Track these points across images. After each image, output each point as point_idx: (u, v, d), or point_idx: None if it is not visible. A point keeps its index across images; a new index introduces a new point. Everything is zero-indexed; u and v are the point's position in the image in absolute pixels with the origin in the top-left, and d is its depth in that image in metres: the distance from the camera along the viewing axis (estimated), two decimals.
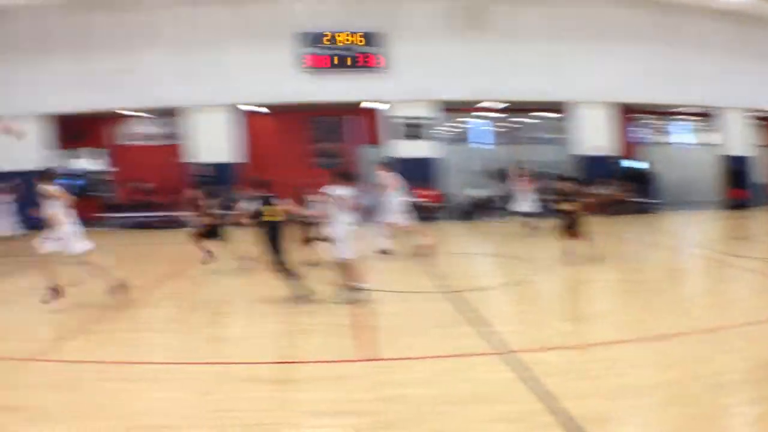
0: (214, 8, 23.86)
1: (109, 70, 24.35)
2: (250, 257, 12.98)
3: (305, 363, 7.43)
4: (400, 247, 15.83)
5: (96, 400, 6.33)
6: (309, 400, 6.20)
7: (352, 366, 7.20)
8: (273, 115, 27.34)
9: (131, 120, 28.22)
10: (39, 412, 6.10)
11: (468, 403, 5.94)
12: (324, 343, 8.27)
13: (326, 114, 26.94)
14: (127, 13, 24.19)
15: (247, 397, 6.32)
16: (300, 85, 23.61)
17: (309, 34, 23.21)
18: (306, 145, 27.07)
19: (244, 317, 10.19)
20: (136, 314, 10.59)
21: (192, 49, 24.06)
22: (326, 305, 10.16)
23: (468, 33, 23.28)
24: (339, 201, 10.03)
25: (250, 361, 7.53)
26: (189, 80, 24.11)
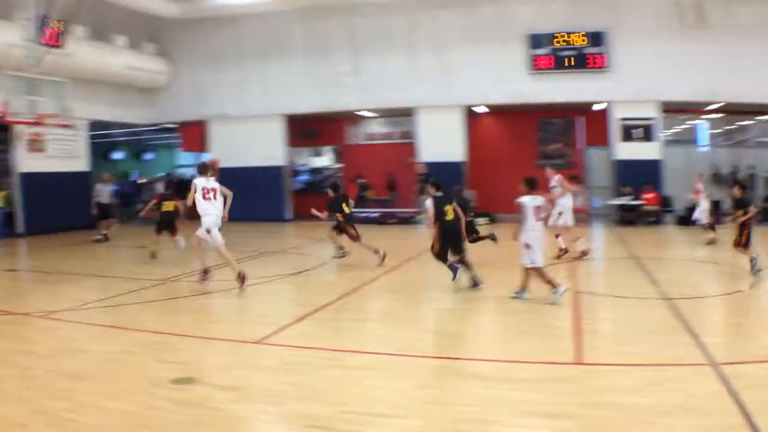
0: (443, 11, 23.81)
1: (341, 72, 25.23)
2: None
3: (520, 362, 7.21)
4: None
5: (316, 385, 6.62)
6: (520, 399, 6.05)
7: (565, 369, 6.93)
8: (497, 115, 26.97)
9: (361, 120, 29.08)
10: (259, 393, 6.48)
11: (674, 415, 5.58)
12: (540, 344, 8.01)
13: (550, 114, 26.06)
14: (357, 17, 24.79)
15: (461, 393, 6.30)
16: (525, 86, 22.97)
17: (534, 35, 22.58)
18: (530, 146, 26.33)
19: (462, 313, 10.13)
20: (359, 305, 10.95)
21: (421, 51, 24.18)
22: (544, 307, 9.87)
23: (690, 32, 21.44)
24: (529, 209, 10.16)
25: (465, 357, 7.44)
26: (418, 81, 24.29)
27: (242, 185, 25.48)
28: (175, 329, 9.10)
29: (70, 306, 10.83)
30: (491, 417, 5.62)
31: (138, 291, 12.25)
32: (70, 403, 6.15)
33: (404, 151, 26.37)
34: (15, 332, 9.34)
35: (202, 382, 6.72)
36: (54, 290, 12.74)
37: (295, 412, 5.90)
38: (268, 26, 25.87)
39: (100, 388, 6.63)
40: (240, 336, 8.61)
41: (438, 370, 6.99)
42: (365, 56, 24.69)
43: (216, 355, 7.91)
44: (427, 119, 24.49)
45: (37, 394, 6.44)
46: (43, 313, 10.38)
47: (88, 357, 7.90)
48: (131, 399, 6.26)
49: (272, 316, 10.22)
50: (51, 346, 8.45)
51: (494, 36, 22.94)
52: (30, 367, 7.37)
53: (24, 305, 11.24)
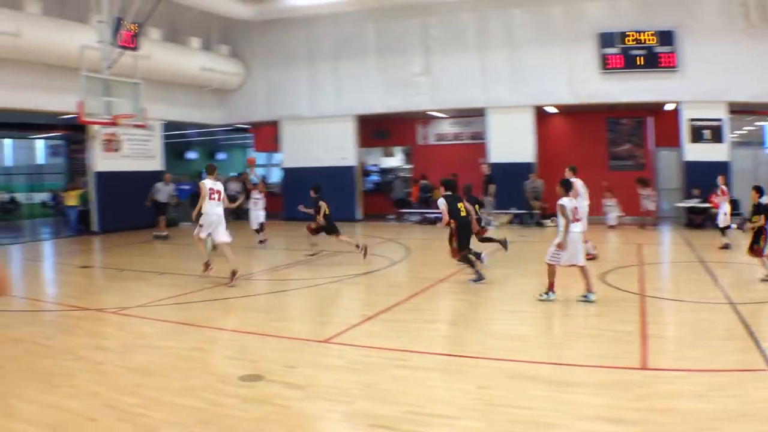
0: (514, 9, 23.48)
1: (413, 72, 25.17)
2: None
3: (582, 366, 7.09)
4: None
5: (381, 385, 6.62)
6: (582, 403, 5.96)
7: (629, 373, 6.78)
8: (566, 115, 26.46)
9: (432, 120, 28.89)
10: (325, 392, 6.49)
11: (735, 421, 5.45)
12: (605, 347, 7.84)
13: (619, 115, 25.46)
14: (429, 16, 24.63)
15: (522, 395, 6.20)
16: (597, 86, 22.52)
17: (605, 33, 22.12)
18: (600, 147, 25.76)
19: (528, 316, 9.97)
20: (427, 306, 10.85)
21: (492, 51, 23.87)
22: (610, 311, 9.68)
23: (757, 31, 20.71)
24: (565, 210, 10.20)
25: (529, 360, 7.30)
26: (489, 81, 24.04)
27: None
28: (244, 327, 9.21)
29: (142, 303, 11.01)
30: (552, 420, 5.55)
31: (208, 289, 12.40)
32: (139, 399, 6.23)
33: (474, 151, 26.20)
34: (88, 328, 9.51)
35: (270, 379, 6.73)
36: (126, 287, 12.95)
37: (361, 411, 5.88)
38: (340, 27, 25.99)
39: (170, 384, 6.71)
40: (308, 335, 8.64)
41: (502, 373, 6.89)
42: (437, 56, 24.59)
43: (284, 353, 7.90)
44: (497, 120, 24.24)
45: (108, 389, 6.53)
46: (116, 309, 10.56)
47: (158, 353, 7.99)
48: (200, 395, 6.31)
49: (341, 315, 10.25)
50: (123, 342, 8.58)
51: (564, 34, 22.59)
52: (102, 363, 7.49)
53: (97, 302, 11.46)
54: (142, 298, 11.47)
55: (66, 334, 9.09)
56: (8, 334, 8.95)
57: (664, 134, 24.47)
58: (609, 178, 23.38)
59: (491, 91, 23.89)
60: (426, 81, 24.85)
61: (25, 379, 6.91)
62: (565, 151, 25.33)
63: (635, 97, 22.12)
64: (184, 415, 5.82)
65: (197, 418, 5.72)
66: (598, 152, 25.37)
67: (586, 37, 22.29)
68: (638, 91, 21.94)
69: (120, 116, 16.46)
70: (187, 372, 7.12)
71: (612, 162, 25.22)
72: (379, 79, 25.63)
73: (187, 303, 11.12)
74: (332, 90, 26.59)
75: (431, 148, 29.16)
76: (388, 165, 33.55)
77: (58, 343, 8.55)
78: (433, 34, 24.57)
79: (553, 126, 26.24)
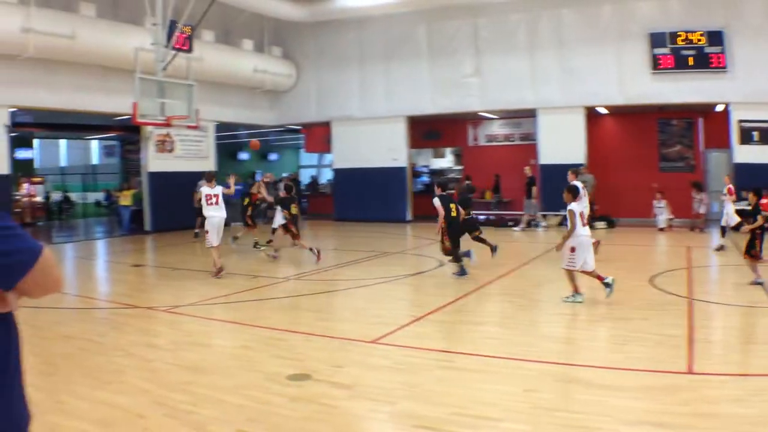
0: (563, 10, 23.22)
1: (463, 73, 25.07)
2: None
3: (630, 370, 6.94)
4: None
5: (427, 386, 6.57)
6: (628, 407, 5.83)
7: (675, 377, 6.63)
8: (616, 116, 26.05)
9: (483, 121, 28.72)
10: (372, 392, 6.45)
11: None
12: (651, 351, 7.66)
13: (669, 116, 25.01)
14: (480, 17, 24.50)
15: (569, 399, 6.15)
16: (647, 86, 22.16)
17: (654, 33, 21.76)
18: (651, 148, 25.33)
19: (575, 319, 9.84)
20: (475, 307, 10.83)
21: (542, 51, 23.66)
22: (658, 315, 9.48)
23: None
24: (577, 215, 10.30)
25: (576, 363, 7.23)
26: (539, 82, 23.83)
27: (364, 186, 25.89)
28: (292, 326, 9.23)
29: (192, 301, 11.11)
30: (598, 424, 5.44)
31: (258, 288, 12.50)
32: (188, 396, 6.27)
33: (525, 153, 26.03)
34: (139, 325, 9.63)
35: (317, 379, 6.72)
36: (177, 285, 13.11)
37: (406, 412, 5.85)
38: (391, 28, 26.06)
39: (219, 381, 6.74)
40: (356, 335, 8.61)
41: (548, 375, 6.80)
42: (487, 57, 24.49)
43: (332, 353, 7.90)
44: (547, 120, 24.02)
45: (157, 386, 6.59)
46: (167, 307, 10.68)
47: (208, 351, 8.07)
48: (248, 393, 6.33)
49: (389, 316, 10.21)
50: (173, 339, 8.67)
51: (614, 34, 22.29)
52: (152, 360, 7.56)
53: (149, 300, 11.61)
54: (193, 296, 11.60)
55: (117, 332, 9.19)
56: (61, 331, 9.09)
57: (713, 135, 24.04)
58: (659, 179, 23.07)
59: (541, 91, 23.71)
60: (476, 82, 24.76)
61: (76, 375, 7.01)
62: (615, 153, 25.07)
63: (686, 98, 21.75)
64: (232, 412, 5.84)
65: (245, 416, 5.74)
66: (649, 154, 25.02)
67: (636, 37, 21.99)
68: (688, 92, 21.57)
69: (173, 117, 16.66)
70: (236, 370, 7.16)
71: (662, 164, 24.84)
72: (429, 80, 25.61)
73: (237, 302, 11.21)
74: (383, 91, 26.66)
75: (481, 149, 29.05)
76: (439, 166, 33.48)
77: (110, 340, 8.67)
78: (483, 35, 24.48)
79: (603, 127, 25.91)
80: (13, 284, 2.07)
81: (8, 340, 2.19)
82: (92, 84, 20.80)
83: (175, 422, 5.63)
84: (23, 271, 2.05)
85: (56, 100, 20.14)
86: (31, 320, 9.36)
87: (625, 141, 25.57)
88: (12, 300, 2.12)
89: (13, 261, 2.04)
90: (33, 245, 2.09)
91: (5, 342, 2.17)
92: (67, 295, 11.73)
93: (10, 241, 2.04)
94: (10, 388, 2.20)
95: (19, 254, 2.05)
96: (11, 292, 2.10)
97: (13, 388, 2.21)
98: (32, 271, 2.07)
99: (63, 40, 18.27)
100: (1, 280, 2.05)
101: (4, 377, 2.15)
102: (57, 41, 18.18)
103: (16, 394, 2.24)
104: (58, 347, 8.20)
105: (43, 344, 8.23)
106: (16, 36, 17.34)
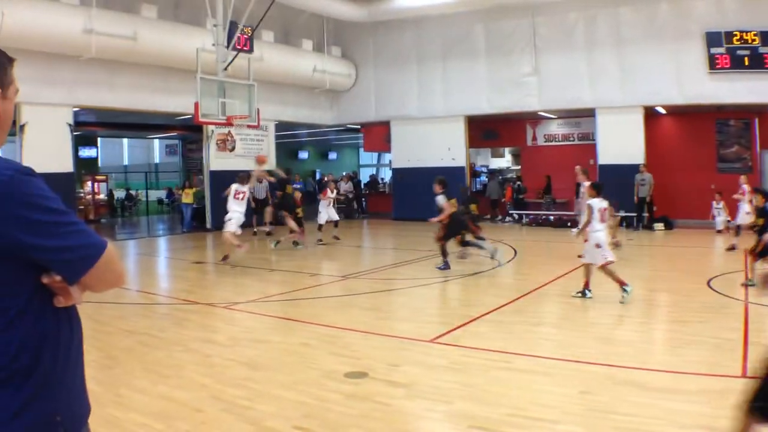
0: (621, 8, 22.83)
1: (522, 73, 24.83)
2: None
3: (685, 373, 6.79)
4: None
5: (483, 386, 6.53)
6: (682, 411, 5.73)
7: (730, 381, 6.45)
8: (673, 116, 25.47)
9: (541, 120, 28.37)
10: (427, 391, 6.42)
11: None
12: (707, 355, 7.50)
13: (727, 116, 24.38)
14: (538, 16, 24.24)
15: (624, 401, 6.01)
16: (705, 86, 21.67)
17: (710, 33, 21.26)
18: (709, 148, 24.73)
19: (632, 321, 9.67)
20: (532, 308, 10.69)
21: (600, 50, 23.27)
22: (714, 317, 9.31)
23: None
24: (596, 210, 10.59)
25: (631, 366, 7.08)
26: (597, 81, 23.45)
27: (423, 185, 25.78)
28: (350, 324, 9.22)
29: (251, 298, 11.22)
30: (652, 428, 5.35)
31: (317, 286, 12.55)
32: (246, 391, 6.32)
33: (583, 152, 25.66)
34: (199, 321, 9.74)
35: (374, 377, 6.72)
36: (237, 282, 13.23)
37: (461, 412, 5.80)
38: (449, 27, 25.97)
39: (276, 378, 6.78)
40: (413, 334, 8.58)
41: (603, 378, 6.70)
42: (545, 56, 24.27)
43: (389, 352, 7.88)
44: (606, 120, 23.68)
45: (215, 381, 6.65)
46: (226, 304, 10.80)
47: (266, 347, 8.11)
48: (304, 390, 6.36)
49: (446, 315, 10.19)
50: (232, 335, 8.75)
51: (672, 33, 21.85)
52: (210, 355, 7.64)
53: (209, 296, 11.72)
54: (252, 293, 11.75)
55: (177, 327, 9.34)
56: (123, 326, 9.24)
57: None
58: (717, 180, 22.59)
59: (600, 90, 23.38)
60: (534, 81, 24.53)
61: (136, 369, 7.12)
62: (673, 153, 24.59)
63: (741, 98, 21.22)
64: (289, 408, 5.86)
65: (301, 412, 5.76)
66: (706, 154, 24.45)
67: (693, 36, 21.55)
68: (744, 92, 21.06)
69: (234, 117, 16.85)
70: (293, 367, 7.19)
71: (720, 164, 24.29)
72: (487, 79, 25.46)
73: (295, 299, 11.28)
74: (441, 90, 26.58)
75: (539, 148, 28.72)
76: (497, 166, 33.31)
77: (170, 335, 8.80)
78: (541, 34, 24.25)
79: (661, 126, 25.41)
80: (78, 278, 2.10)
81: (70, 332, 2.23)
82: (153, 84, 21.17)
83: (231, 417, 5.68)
84: (87, 265, 2.09)
85: (118, 99, 20.55)
86: (95, 315, 9.57)
87: (683, 141, 25.07)
88: (76, 293, 2.15)
89: (77, 256, 2.07)
90: (97, 241, 2.12)
91: (67, 334, 2.21)
92: (129, 291, 11.93)
93: (75, 236, 2.07)
94: (72, 378, 2.24)
95: (84, 249, 2.08)
96: (75, 286, 2.13)
97: (74, 379, 2.25)
98: (96, 265, 2.10)
99: (124, 41, 18.62)
100: (67, 274, 2.09)
101: (65, 368, 2.19)
102: (118, 42, 18.54)
103: (76, 385, 2.27)
104: (119, 341, 8.34)
105: (105, 338, 8.39)
106: (79, 37, 17.72)
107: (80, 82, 19.37)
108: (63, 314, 2.19)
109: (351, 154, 48.71)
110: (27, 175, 2.04)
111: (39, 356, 2.11)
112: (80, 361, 2.31)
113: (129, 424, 5.52)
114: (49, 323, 2.13)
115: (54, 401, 2.15)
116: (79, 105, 19.99)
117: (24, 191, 1.99)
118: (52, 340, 2.15)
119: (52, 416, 2.14)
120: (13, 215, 1.98)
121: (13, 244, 2.00)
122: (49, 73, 18.48)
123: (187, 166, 34.66)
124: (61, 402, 2.17)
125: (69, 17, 17.47)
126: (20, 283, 2.07)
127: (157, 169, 42.57)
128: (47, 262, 2.06)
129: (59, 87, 18.92)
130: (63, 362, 2.18)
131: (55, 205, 2.05)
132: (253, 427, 5.49)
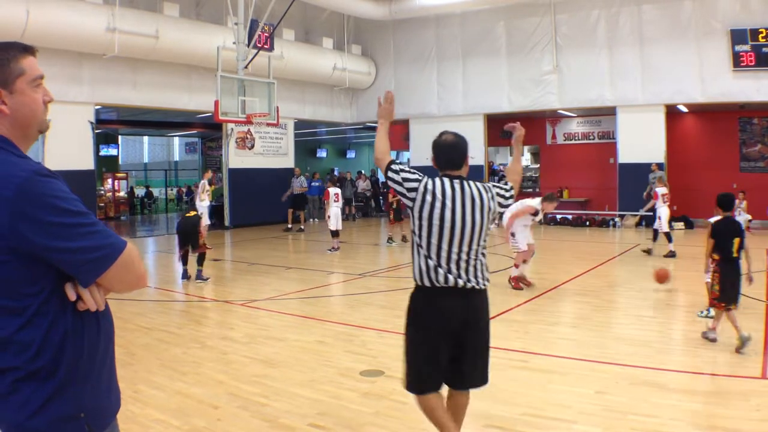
0: (644, 6, 22.66)
1: (542, 71, 24.74)
2: None
3: (703, 374, 6.80)
4: None
5: (499, 385, 6.44)
6: (700, 412, 5.73)
7: (749, 383, 6.46)
8: (695, 114, 25.19)
9: (561, 119, 28.22)
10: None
11: None
12: (726, 356, 7.46)
13: (751, 114, 24.10)
14: (559, 13, 24.13)
15: (641, 402, 5.99)
16: (729, 84, 21.50)
17: (735, 30, 21.06)
18: (732, 147, 24.50)
19: (651, 321, 9.59)
20: (550, 307, 10.65)
21: (622, 48, 23.13)
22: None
23: None
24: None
25: (649, 366, 7.07)
26: (618, 79, 23.29)
27: None
28: (367, 323, 9.25)
29: (269, 296, 11.28)
30: (670, 429, 5.33)
31: (335, 284, 12.60)
32: (262, 388, 6.37)
33: (603, 151, 25.67)
34: (216, 318, 9.82)
35: (390, 375, 6.72)
36: (255, 280, 13.28)
37: (478, 411, 5.77)
38: (469, 25, 25.94)
39: (292, 375, 6.82)
40: None
41: (622, 378, 6.68)
42: (566, 54, 24.14)
43: None
44: (627, 119, 23.52)
45: (232, 378, 6.70)
46: (244, 301, 10.86)
47: (282, 345, 8.14)
48: (320, 387, 6.40)
49: None
50: (249, 333, 8.78)
51: (695, 31, 21.69)
52: (227, 352, 7.69)
53: (226, 293, 11.78)
54: (270, 291, 11.80)
55: (195, 324, 9.42)
56: (141, 323, 9.32)
57: None
58: (739, 180, 22.42)
59: (621, 89, 23.24)
60: (555, 79, 24.42)
61: (154, 366, 7.19)
62: (695, 152, 24.40)
63: (766, 96, 21.14)
64: (305, 406, 5.90)
65: (317, 410, 5.79)
66: (729, 153, 24.21)
67: (717, 34, 21.39)
68: (765, 90, 20.98)
69: (254, 115, 16.91)
70: (310, 365, 7.22)
71: (742, 163, 24.10)
72: (508, 77, 25.39)
73: (312, 297, 11.33)
74: (461, 89, 26.54)
75: (559, 147, 28.56)
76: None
77: (188, 332, 8.87)
78: (563, 31, 24.15)
79: (683, 125, 25.23)
80: (92, 280, 2.12)
81: (96, 331, 2.26)
82: (175, 82, 21.32)
83: (248, 414, 5.72)
84: (103, 267, 2.10)
85: (140, 97, 20.71)
86: (115, 312, 9.56)
87: (705, 140, 24.87)
88: (97, 296, 2.18)
89: (91, 257, 2.09)
90: (114, 241, 2.14)
91: (93, 332, 2.24)
92: (148, 288, 12.01)
93: (89, 238, 2.09)
94: (98, 376, 2.28)
95: (99, 250, 2.10)
96: (95, 288, 2.16)
97: (100, 376, 2.29)
98: (113, 266, 2.12)
99: (147, 40, 18.76)
100: (81, 276, 2.11)
101: (90, 366, 2.22)
102: (141, 40, 18.69)
103: (103, 383, 2.31)
104: (138, 338, 8.42)
105: (124, 335, 8.44)
106: (102, 35, 17.85)
107: (103, 80, 19.53)
108: (88, 313, 2.21)
109: (369, 153, 48.66)
110: (44, 177, 2.05)
111: (61, 355, 2.13)
112: (108, 359, 2.35)
113: (146, 420, 5.57)
114: (71, 322, 2.16)
115: (78, 399, 2.18)
116: (101, 103, 20.12)
117: (39, 192, 2.01)
118: (76, 338, 2.17)
119: (75, 413, 2.17)
120: (27, 216, 2.00)
121: (27, 245, 2.02)
122: (72, 71, 18.69)
123: (207, 164, 34.80)
124: (85, 400, 2.20)
125: (92, 16, 17.60)
126: (38, 283, 2.09)
127: (176, 167, 42.82)
128: (61, 263, 2.08)
129: (82, 85, 19.10)
130: (88, 360, 2.21)
131: (70, 206, 2.07)
132: (269, 424, 5.53)
